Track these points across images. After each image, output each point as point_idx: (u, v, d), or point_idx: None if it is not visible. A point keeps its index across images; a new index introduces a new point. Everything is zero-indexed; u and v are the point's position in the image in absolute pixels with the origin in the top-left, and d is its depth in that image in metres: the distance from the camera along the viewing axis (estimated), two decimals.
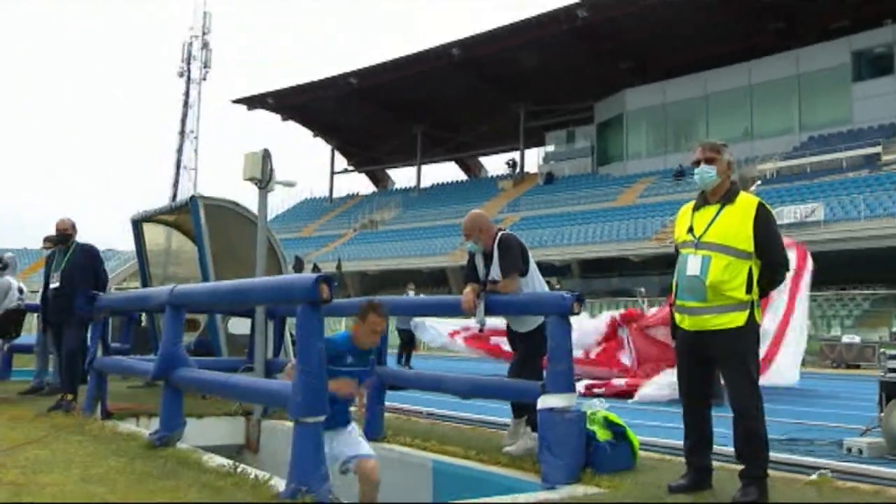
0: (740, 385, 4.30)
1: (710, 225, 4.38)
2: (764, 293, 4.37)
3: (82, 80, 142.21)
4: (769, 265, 4.35)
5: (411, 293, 18.66)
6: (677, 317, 4.52)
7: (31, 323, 13.44)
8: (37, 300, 9.69)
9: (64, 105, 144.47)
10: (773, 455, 4.78)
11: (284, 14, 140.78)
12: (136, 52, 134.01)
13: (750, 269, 4.29)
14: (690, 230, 4.46)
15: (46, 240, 9.93)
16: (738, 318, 4.27)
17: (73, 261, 8.25)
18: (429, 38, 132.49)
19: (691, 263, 4.37)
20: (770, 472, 4.36)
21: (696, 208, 4.53)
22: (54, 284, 8.25)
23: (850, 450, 5.76)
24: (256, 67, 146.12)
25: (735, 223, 4.32)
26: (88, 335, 7.78)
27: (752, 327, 4.29)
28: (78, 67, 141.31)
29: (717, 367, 4.44)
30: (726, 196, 4.41)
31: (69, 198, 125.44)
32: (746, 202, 4.36)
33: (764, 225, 4.31)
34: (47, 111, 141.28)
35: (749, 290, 4.28)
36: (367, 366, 4.72)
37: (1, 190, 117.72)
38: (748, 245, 4.28)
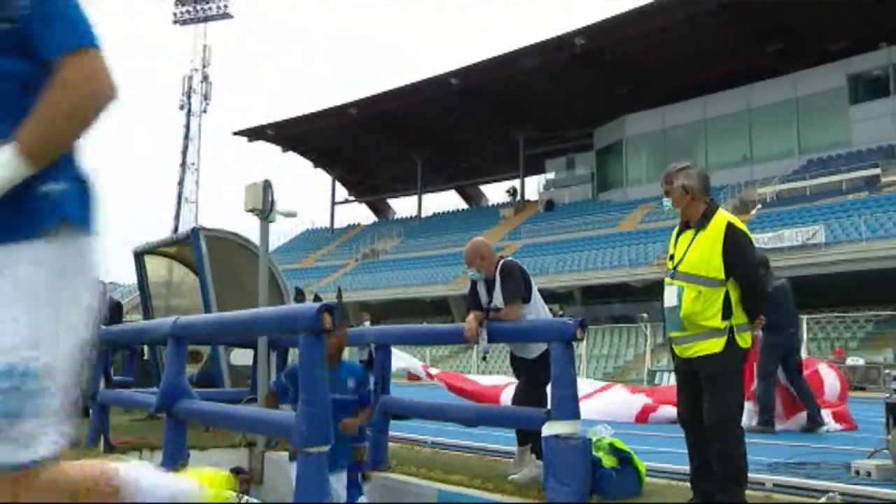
0: (715, 408, 4.31)
1: (685, 253, 4.41)
2: (749, 315, 4.36)
3: None
4: (743, 287, 4.34)
5: (367, 324, 18.69)
6: (672, 345, 4.56)
7: None
8: None
9: None
10: (780, 478, 4.76)
11: (284, 47, 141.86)
12: (136, 85, 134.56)
13: (727, 295, 4.28)
14: (671, 258, 4.50)
15: None
16: (714, 345, 4.28)
17: None
18: (429, 69, 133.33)
19: (668, 294, 4.45)
20: (778, 495, 4.36)
21: (679, 233, 4.57)
22: None
23: (857, 472, 5.70)
24: (257, 99, 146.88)
25: (706, 251, 4.33)
26: None
27: (731, 352, 4.28)
28: None
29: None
30: (700, 220, 4.43)
31: None
32: (717, 225, 4.37)
33: (732, 247, 4.31)
34: None
35: (727, 316, 4.27)
36: (350, 391, 4.78)
37: None
38: (719, 272, 4.28)
